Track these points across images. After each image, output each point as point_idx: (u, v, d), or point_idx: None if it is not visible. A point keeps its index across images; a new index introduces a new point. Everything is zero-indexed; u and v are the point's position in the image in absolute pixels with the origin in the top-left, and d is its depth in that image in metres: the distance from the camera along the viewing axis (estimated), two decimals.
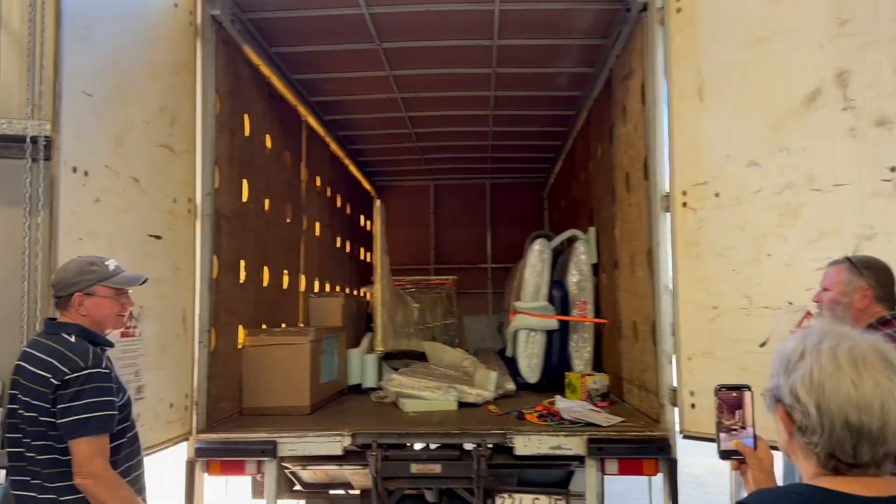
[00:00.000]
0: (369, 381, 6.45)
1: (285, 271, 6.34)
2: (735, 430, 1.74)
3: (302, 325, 6.84)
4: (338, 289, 8.52)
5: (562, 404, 4.95)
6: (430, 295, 8.90)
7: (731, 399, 1.75)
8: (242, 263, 5.28)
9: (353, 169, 9.83)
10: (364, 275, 10.51)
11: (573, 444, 4.29)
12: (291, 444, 4.35)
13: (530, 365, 6.34)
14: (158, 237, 3.87)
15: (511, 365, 7.37)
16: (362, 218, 10.43)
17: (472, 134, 8.67)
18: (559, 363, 6.35)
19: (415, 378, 5.61)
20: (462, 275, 10.45)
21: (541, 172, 10.90)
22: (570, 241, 6.82)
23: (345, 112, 7.65)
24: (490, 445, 4.33)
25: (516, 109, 7.63)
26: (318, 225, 7.54)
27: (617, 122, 5.49)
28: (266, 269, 5.80)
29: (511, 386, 5.98)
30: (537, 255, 6.39)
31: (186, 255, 4.29)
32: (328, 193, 8.07)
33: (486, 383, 5.77)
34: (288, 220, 6.43)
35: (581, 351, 6.39)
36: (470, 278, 11.12)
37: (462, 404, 5.37)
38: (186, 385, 4.32)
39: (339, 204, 8.65)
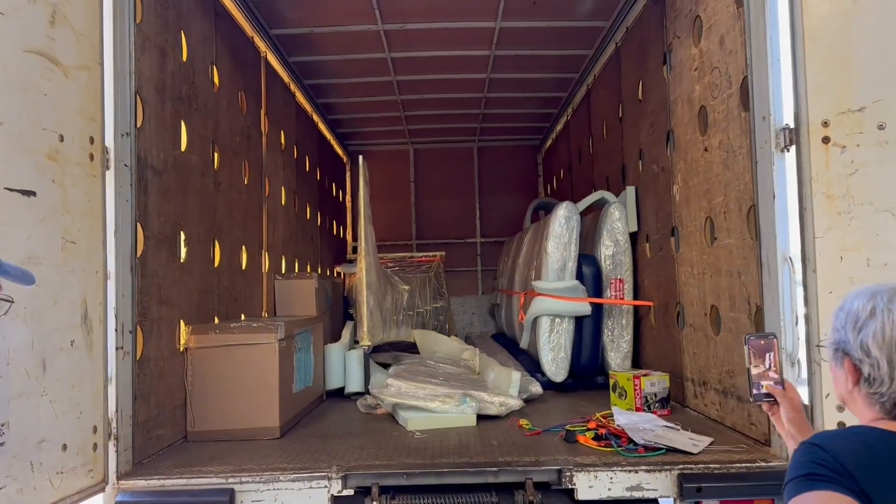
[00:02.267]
0: (354, 385, 5.12)
1: (243, 247, 4.94)
2: (765, 375, 1.89)
3: (266, 315, 5.47)
4: (309, 269, 7.14)
5: (622, 419, 3.70)
6: (417, 275, 7.57)
7: (760, 346, 1.90)
8: (182, 236, 3.88)
9: (324, 128, 8.40)
10: (338, 253, 9.13)
11: (658, 483, 3.04)
12: (257, 492, 3.02)
13: (556, 359, 5.07)
14: (28, 193, 2.46)
15: (521, 356, 6.12)
16: (334, 187, 9.01)
17: (464, 83, 7.31)
18: (591, 358, 5.10)
19: (416, 383, 4.30)
20: (447, 251, 9.13)
21: (535, 133, 9.60)
22: (595, 206, 5.54)
23: (314, 52, 6.21)
24: (536, 481, 3.06)
25: (521, 47, 6.27)
26: (283, 190, 6.14)
27: (679, 41, 4.19)
28: (217, 245, 4.41)
29: (537, 389, 4.71)
30: (563, 223, 5.10)
31: (86, 222, 2.88)
32: (295, 154, 6.65)
33: (508, 386, 4.48)
34: (245, 182, 5.02)
35: (618, 342, 5.14)
36: (456, 255, 9.82)
37: (481, 417, 4.09)
38: (94, 413, 2.94)
39: (307, 167, 7.24)
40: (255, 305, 5.18)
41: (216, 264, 4.40)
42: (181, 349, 3.79)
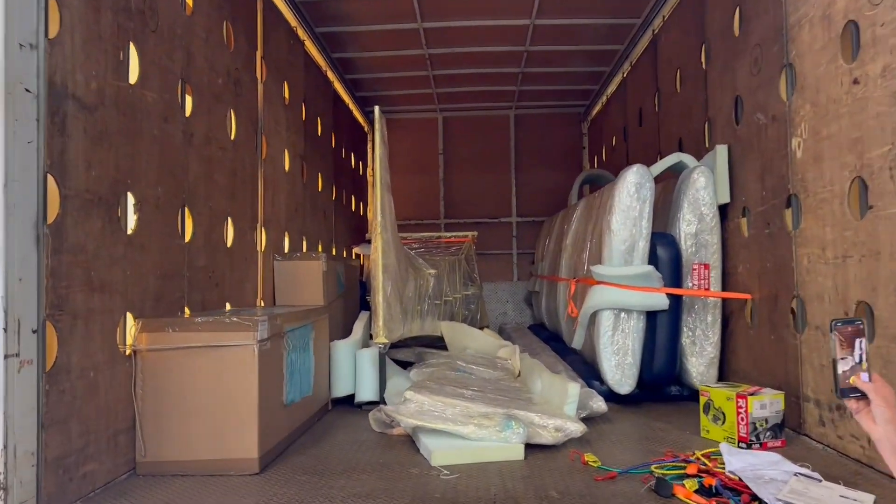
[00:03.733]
0: (366, 392, 4.11)
1: (228, 219, 3.94)
2: (854, 368, 1.62)
3: (262, 304, 4.47)
4: (320, 248, 6.13)
5: (736, 461, 2.63)
6: (446, 258, 6.53)
7: (847, 333, 1.65)
8: (130, 199, 2.88)
9: (341, 89, 7.36)
10: (358, 233, 8.13)
11: None
12: None
13: (621, 365, 4.00)
14: None
15: (570, 356, 5.06)
16: (353, 158, 7.98)
17: (503, 33, 6.22)
18: (666, 364, 4.02)
19: (443, 398, 3.26)
20: (480, 231, 8.06)
21: (581, 98, 8.45)
22: (669, 174, 4.43)
23: None
24: None
25: None
26: (287, 154, 5.12)
27: None
28: (188, 214, 3.40)
29: (599, 406, 3.64)
30: (632, 192, 4.00)
31: None
32: (303, 113, 5.62)
33: (563, 402, 3.43)
34: (231, 138, 4.00)
35: (702, 345, 4.04)
36: (489, 236, 8.77)
37: (530, 446, 3.05)
38: None
39: (319, 131, 6.21)
40: (245, 292, 4.18)
41: (187, 239, 3.40)
42: (127, 352, 2.80)
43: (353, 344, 4.24)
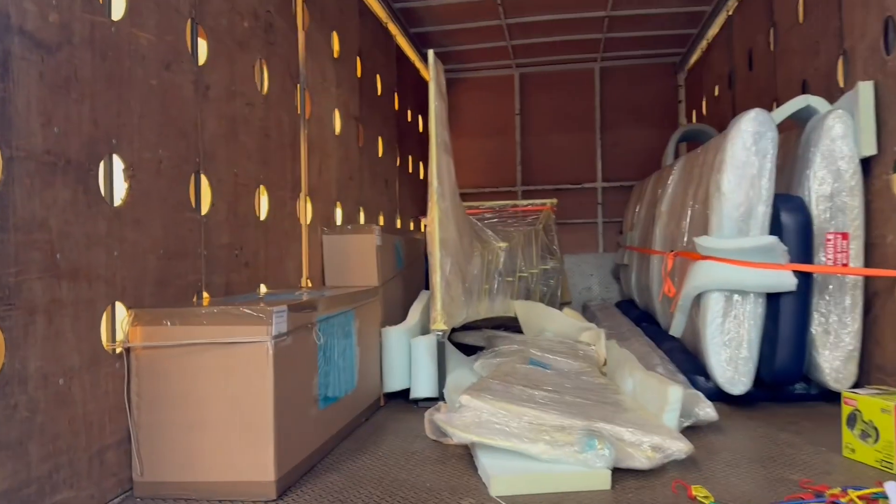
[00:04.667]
0: (422, 388, 3.54)
1: (261, 187, 3.40)
2: None
3: (309, 284, 3.95)
4: (382, 221, 5.57)
5: None
6: (521, 228, 5.83)
7: None
8: (119, 163, 2.35)
9: (404, 44, 6.71)
10: (426, 202, 7.52)
11: None
12: None
13: (734, 360, 3.24)
14: None
15: (666, 343, 4.32)
16: (421, 121, 7.35)
17: None
18: (792, 358, 3.22)
19: (508, 402, 2.62)
20: (560, 198, 7.27)
21: (676, 45, 7.48)
22: (792, 122, 3.57)
23: None
24: None
25: None
26: (337, 114, 4.54)
27: None
28: (205, 181, 2.87)
29: (708, 414, 2.90)
30: (749, 143, 3.20)
31: None
32: (358, 69, 5.02)
33: (663, 409, 2.72)
34: (263, 93, 3.44)
35: (838, 334, 3.23)
36: (571, 203, 7.98)
37: (618, 470, 2.37)
38: None
39: (379, 90, 5.60)
40: (286, 271, 3.65)
41: (204, 211, 2.87)
42: (117, 349, 2.30)
43: (407, 331, 3.65)
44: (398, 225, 6.17)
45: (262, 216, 3.42)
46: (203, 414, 2.30)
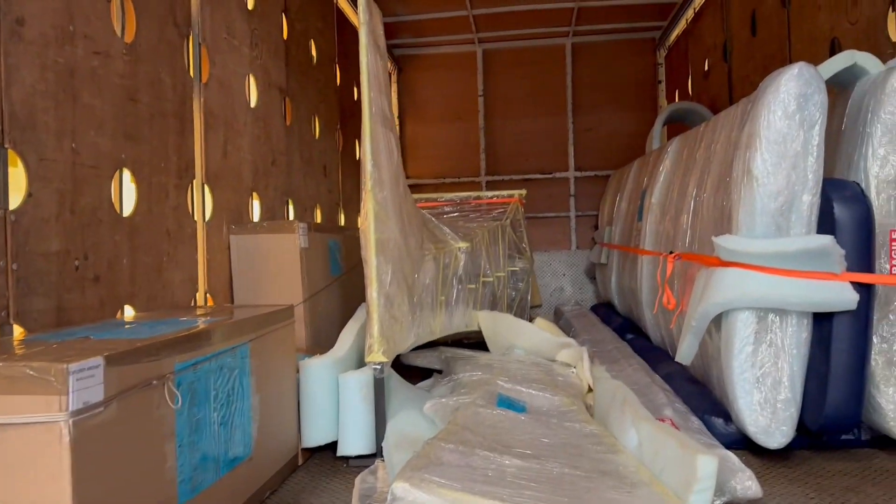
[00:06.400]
0: (353, 441, 2.62)
1: (123, 170, 2.46)
2: None
3: (209, 301, 3.02)
4: (319, 216, 4.65)
5: None
6: (486, 224, 4.95)
7: None
8: None
9: (350, 11, 5.77)
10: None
11: None
12: None
13: (770, 402, 2.41)
14: None
15: (667, 367, 3.51)
16: None
17: None
18: (847, 398, 2.39)
19: (462, 490, 1.74)
20: (529, 189, 6.40)
21: (656, 17, 6.67)
22: (831, 87, 2.74)
23: None
24: None
25: None
26: (252, 81, 3.60)
27: None
28: (16, 162, 1.93)
29: (750, 489, 2.04)
30: (792, 110, 2.36)
31: None
32: (284, 30, 4.09)
33: (690, 486, 1.86)
34: (125, 40, 2.49)
35: None
36: (541, 195, 7.16)
37: None
38: None
39: (314, 59, 4.67)
40: (172, 286, 2.71)
41: (13, 205, 1.93)
42: None
43: (334, 364, 2.73)
44: (342, 221, 5.26)
45: (128, 211, 2.48)
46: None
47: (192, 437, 1.85)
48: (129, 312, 2.45)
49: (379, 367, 2.64)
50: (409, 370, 3.90)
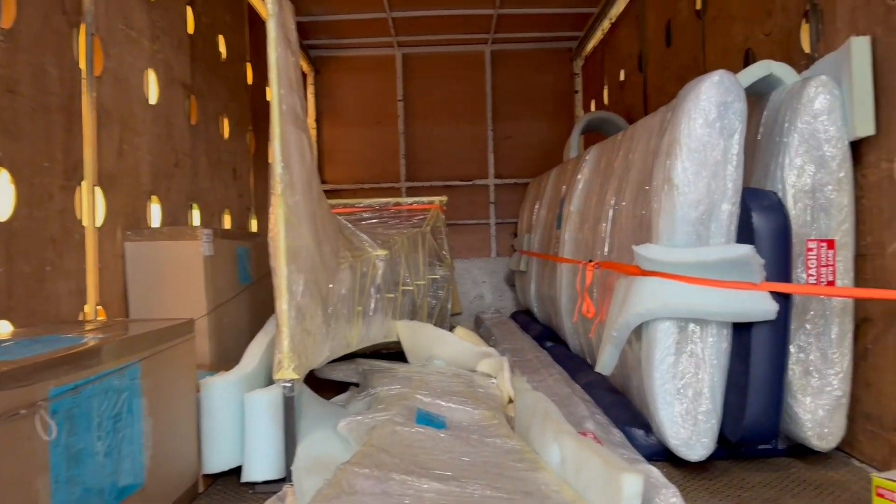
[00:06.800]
0: (260, 465, 2.43)
1: (3, 170, 2.19)
2: None
3: (103, 314, 2.76)
4: (228, 222, 4.41)
5: None
6: (406, 231, 4.83)
7: None
8: None
9: (263, 9, 5.53)
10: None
11: None
12: None
13: (691, 413, 2.38)
14: None
15: (586, 376, 3.47)
16: None
17: None
18: (766, 408, 2.38)
19: (384, 499, 1.60)
20: (450, 196, 6.32)
21: (574, 28, 6.74)
22: (755, 93, 2.76)
23: None
24: None
25: None
26: (153, 77, 3.35)
27: None
28: None
29: None
30: (713, 117, 2.35)
31: None
32: (189, 21, 3.85)
33: None
34: (3, 23, 2.24)
35: (823, 375, 2.44)
36: (461, 202, 7.10)
37: None
38: None
39: (223, 53, 4.43)
40: (56, 297, 2.45)
41: None
42: None
43: (239, 381, 2.53)
44: (254, 227, 5.01)
45: (4, 215, 2.22)
46: None
47: (71, 471, 1.64)
48: (5, 329, 2.19)
49: (289, 384, 2.46)
50: (323, 383, 3.73)
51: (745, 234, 2.36)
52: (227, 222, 4.37)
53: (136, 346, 2.01)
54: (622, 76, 5.68)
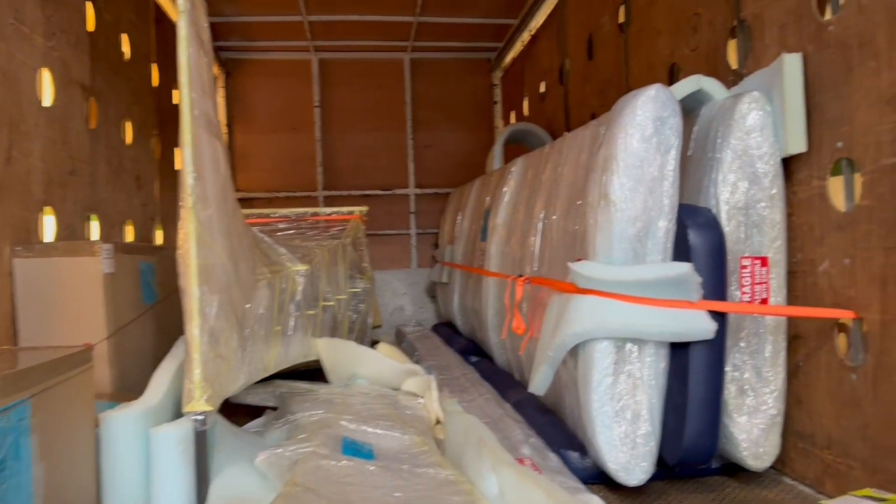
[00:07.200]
0: None
1: None
2: None
3: None
4: (132, 234, 4.08)
5: None
6: (325, 242, 4.62)
7: None
8: None
9: (170, 8, 5.21)
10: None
11: None
12: None
13: (629, 436, 2.31)
14: None
15: (516, 396, 3.39)
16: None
17: None
18: (704, 428, 2.34)
19: None
20: (370, 206, 6.16)
21: (493, 38, 6.72)
22: (684, 108, 2.74)
23: None
24: None
25: None
26: (48, 76, 3.04)
27: None
28: None
29: None
30: (649, 133, 2.30)
31: None
32: (88, 19, 3.53)
33: None
34: None
35: (758, 394, 2.42)
36: (381, 212, 6.94)
37: None
38: None
39: (126, 53, 4.11)
40: None
41: None
42: None
43: (144, 415, 2.28)
44: (160, 240, 4.68)
45: None
46: None
47: None
48: None
49: (201, 417, 2.23)
50: (236, 408, 3.48)
51: (681, 251, 2.32)
52: (129, 234, 4.05)
53: (25, 380, 1.74)
54: (543, 88, 5.67)
